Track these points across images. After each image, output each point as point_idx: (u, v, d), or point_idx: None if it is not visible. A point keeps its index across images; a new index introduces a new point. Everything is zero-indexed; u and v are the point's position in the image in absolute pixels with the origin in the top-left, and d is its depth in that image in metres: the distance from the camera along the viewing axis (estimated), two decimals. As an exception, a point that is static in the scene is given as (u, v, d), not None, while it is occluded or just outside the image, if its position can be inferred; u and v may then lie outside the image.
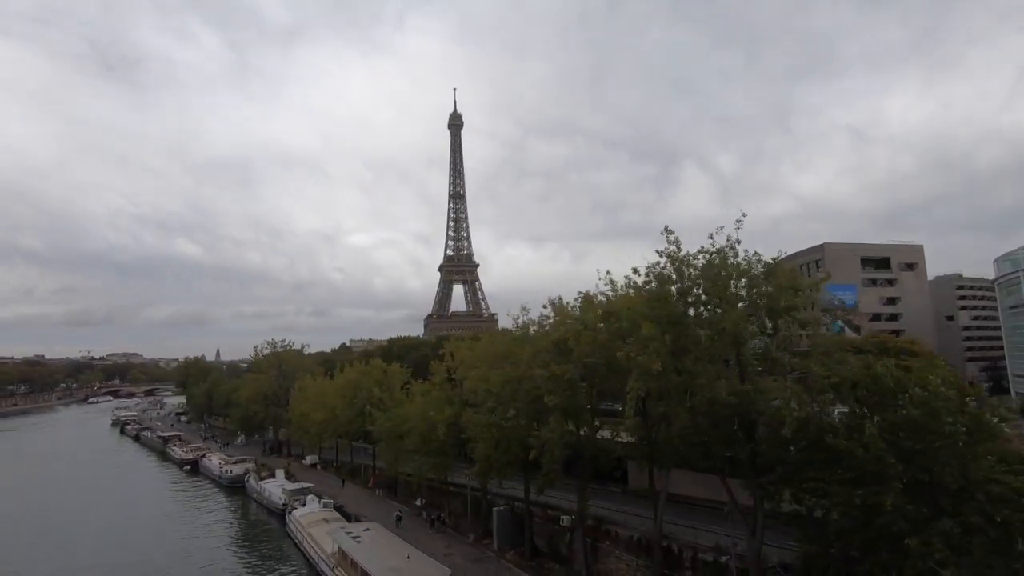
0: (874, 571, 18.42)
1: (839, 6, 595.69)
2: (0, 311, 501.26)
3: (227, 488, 72.43)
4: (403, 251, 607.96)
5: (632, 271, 25.49)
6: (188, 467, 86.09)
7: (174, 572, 43.85)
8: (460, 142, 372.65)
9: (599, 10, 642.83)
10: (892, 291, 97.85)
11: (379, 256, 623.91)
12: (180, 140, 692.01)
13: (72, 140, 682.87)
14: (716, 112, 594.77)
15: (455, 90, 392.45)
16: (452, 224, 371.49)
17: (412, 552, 35.39)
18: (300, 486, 59.37)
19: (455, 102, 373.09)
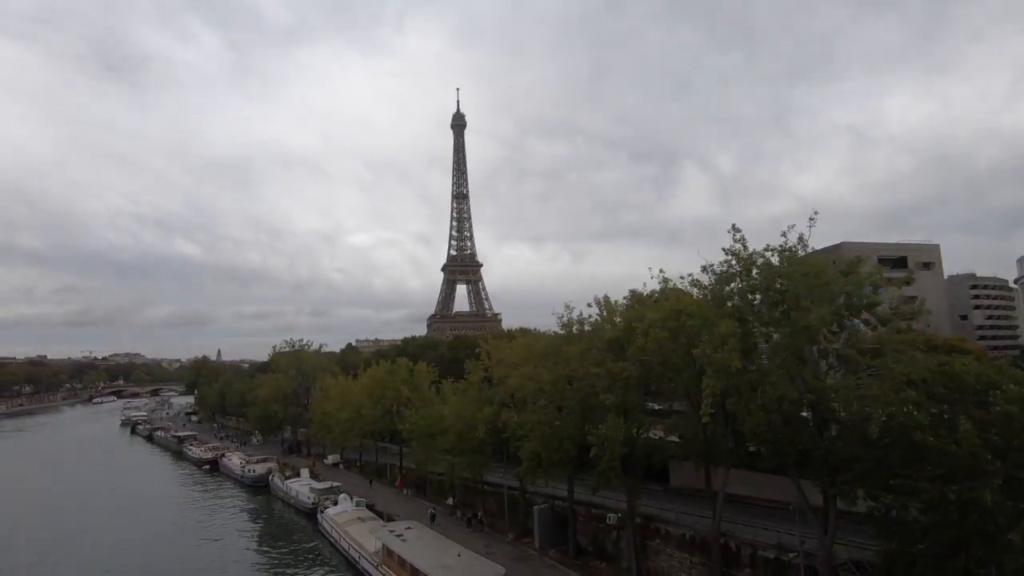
0: (968, 567, 18.50)
1: (838, 7, 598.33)
2: (0, 311, 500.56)
3: (250, 487, 72.35)
4: (403, 251, 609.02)
5: (701, 270, 25.65)
6: (207, 466, 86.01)
7: (213, 571, 43.80)
8: (463, 142, 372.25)
9: (599, 10, 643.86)
10: (910, 290, 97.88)
11: (379, 256, 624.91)
12: (180, 140, 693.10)
13: (72, 140, 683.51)
14: (716, 112, 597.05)
15: (458, 90, 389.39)
16: (455, 224, 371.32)
17: (461, 550, 35.40)
18: (329, 485, 59.30)
19: (458, 102, 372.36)
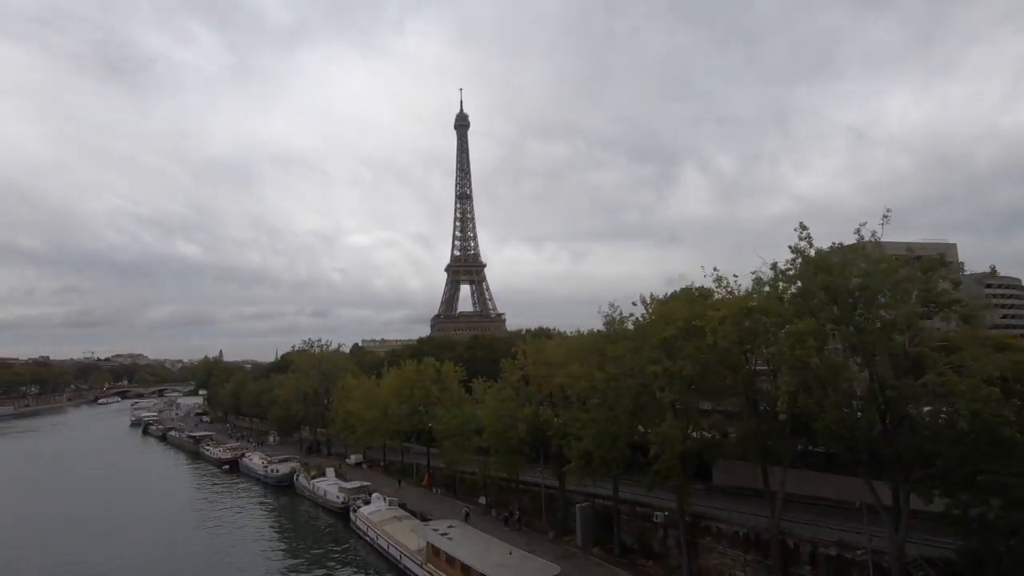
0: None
1: (838, 7, 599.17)
2: (0, 312, 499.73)
3: (273, 487, 72.38)
4: (403, 251, 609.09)
5: (771, 268, 25.77)
6: (226, 466, 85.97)
7: (252, 572, 43.78)
8: (467, 142, 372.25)
9: (598, 11, 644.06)
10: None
11: (379, 256, 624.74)
12: (180, 141, 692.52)
13: (72, 140, 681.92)
14: (715, 113, 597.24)
15: (461, 90, 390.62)
16: (459, 224, 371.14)
17: (512, 548, 35.46)
18: (359, 484, 59.35)
19: (461, 102, 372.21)
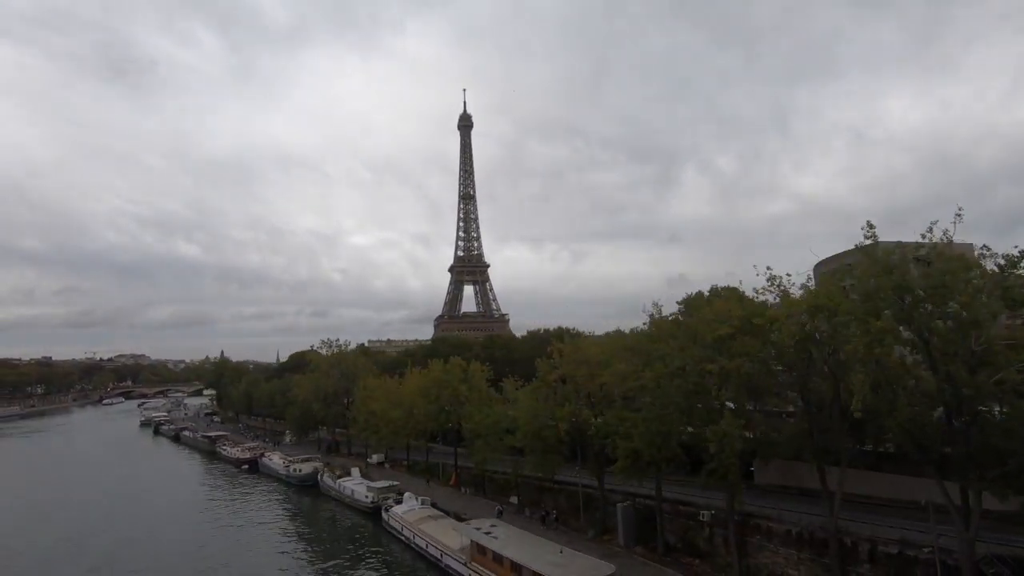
0: None
1: (838, 8, 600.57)
2: (0, 312, 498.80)
3: (296, 487, 72.38)
4: (403, 251, 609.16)
5: (842, 268, 25.95)
6: (246, 466, 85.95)
7: (297, 571, 43.72)
8: (470, 143, 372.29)
9: (598, 11, 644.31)
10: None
11: (379, 256, 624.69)
12: (180, 141, 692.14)
13: (73, 141, 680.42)
14: (715, 113, 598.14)
15: (464, 91, 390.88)
16: (462, 224, 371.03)
17: (562, 547, 35.47)
18: (388, 484, 59.33)
19: (464, 103, 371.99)
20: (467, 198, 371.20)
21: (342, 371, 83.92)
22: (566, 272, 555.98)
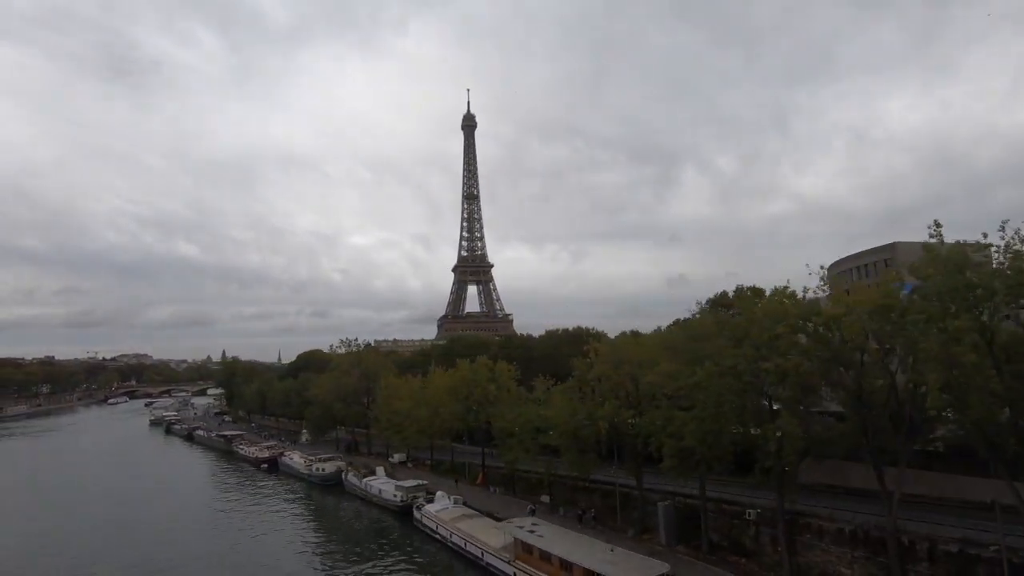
0: None
1: (838, 8, 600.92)
2: (1, 312, 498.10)
3: (319, 486, 72.35)
4: (403, 251, 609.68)
5: (904, 269, 26.04)
6: (265, 466, 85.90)
7: (336, 571, 43.74)
8: (474, 142, 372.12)
9: (598, 11, 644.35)
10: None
11: (379, 256, 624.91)
12: (181, 141, 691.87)
13: (73, 141, 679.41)
14: (715, 113, 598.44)
15: (468, 91, 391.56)
16: (466, 224, 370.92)
17: (613, 546, 35.54)
18: (416, 483, 59.35)
19: (468, 103, 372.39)
20: (471, 198, 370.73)
21: (362, 370, 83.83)
22: (566, 272, 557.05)
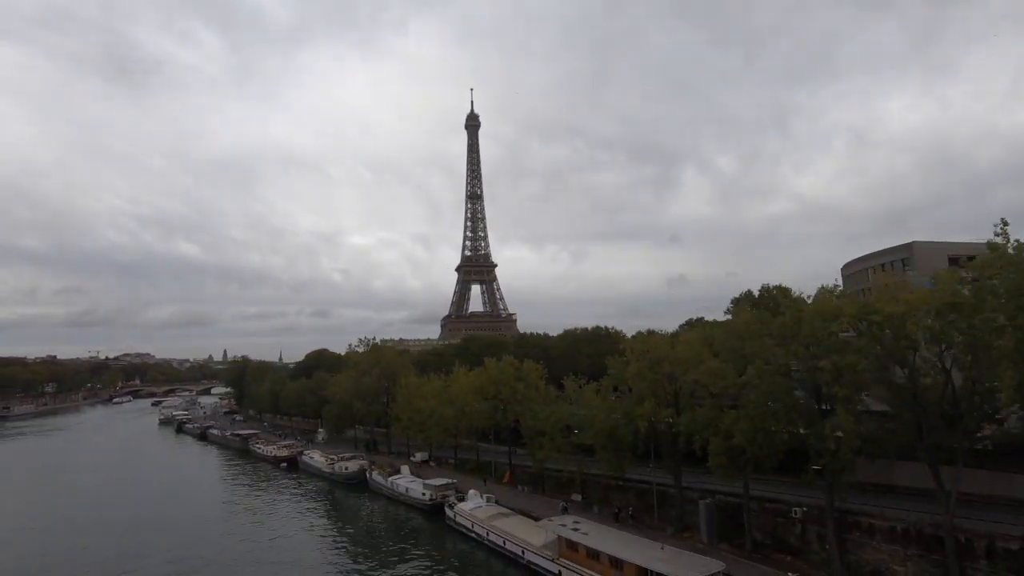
0: None
1: (838, 9, 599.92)
2: (2, 312, 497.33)
3: (342, 485, 72.30)
4: (403, 251, 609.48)
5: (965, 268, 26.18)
6: (284, 464, 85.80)
7: (375, 570, 43.68)
8: (477, 142, 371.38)
9: (598, 12, 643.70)
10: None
11: (379, 256, 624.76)
12: (181, 141, 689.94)
13: (73, 141, 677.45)
14: (715, 113, 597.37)
15: (472, 91, 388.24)
16: (469, 224, 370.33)
17: (663, 544, 35.55)
18: (445, 482, 59.31)
19: (472, 102, 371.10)
20: (474, 197, 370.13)
21: (382, 369, 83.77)
22: (566, 272, 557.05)
